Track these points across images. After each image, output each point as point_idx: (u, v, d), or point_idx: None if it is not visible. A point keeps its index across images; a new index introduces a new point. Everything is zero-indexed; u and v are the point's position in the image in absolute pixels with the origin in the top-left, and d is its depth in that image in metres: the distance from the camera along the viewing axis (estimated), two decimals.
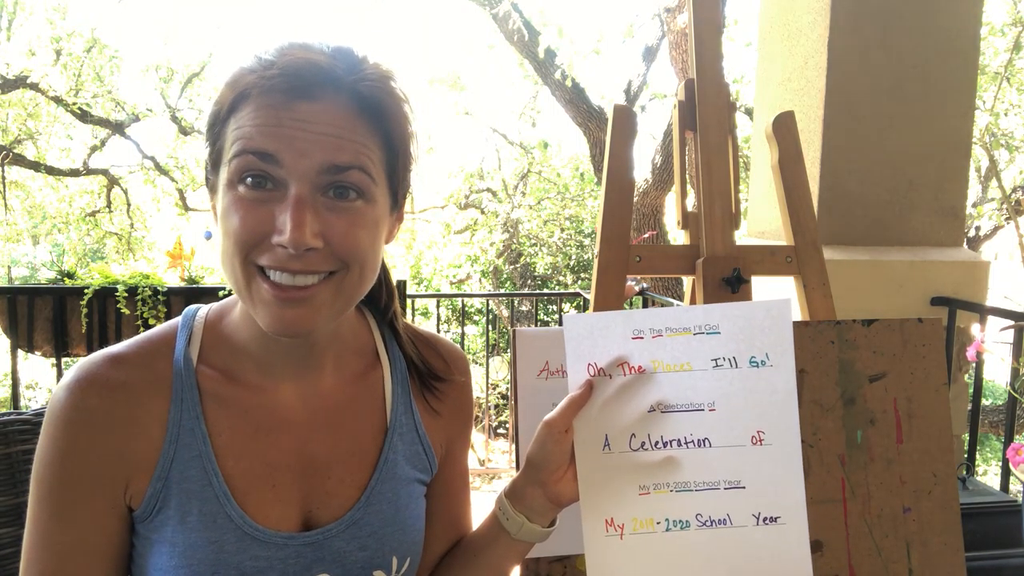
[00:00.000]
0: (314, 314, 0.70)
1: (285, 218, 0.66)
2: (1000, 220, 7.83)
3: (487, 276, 10.12)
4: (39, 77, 8.67)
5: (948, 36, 2.36)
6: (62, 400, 0.73)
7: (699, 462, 0.78)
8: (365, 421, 0.83)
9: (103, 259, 10.75)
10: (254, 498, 0.76)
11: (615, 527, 0.79)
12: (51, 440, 0.73)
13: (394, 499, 0.82)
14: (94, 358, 0.75)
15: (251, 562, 0.74)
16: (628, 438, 0.79)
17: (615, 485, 0.79)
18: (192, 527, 0.73)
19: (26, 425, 0.96)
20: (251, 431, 0.77)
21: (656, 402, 0.79)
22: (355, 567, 0.79)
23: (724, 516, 0.78)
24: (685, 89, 1.28)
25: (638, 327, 0.80)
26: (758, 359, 0.79)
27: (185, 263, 3.76)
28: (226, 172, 0.69)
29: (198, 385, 0.76)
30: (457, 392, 0.92)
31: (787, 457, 0.78)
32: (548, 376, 1.05)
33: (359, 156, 0.69)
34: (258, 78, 0.67)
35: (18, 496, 0.95)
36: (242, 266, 0.69)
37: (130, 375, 0.74)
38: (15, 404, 3.58)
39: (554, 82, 6.20)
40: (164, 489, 0.74)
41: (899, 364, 1.07)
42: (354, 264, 0.71)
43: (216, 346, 0.79)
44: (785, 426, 0.78)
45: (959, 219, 2.47)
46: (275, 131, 0.66)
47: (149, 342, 0.78)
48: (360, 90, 0.69)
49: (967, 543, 1.05)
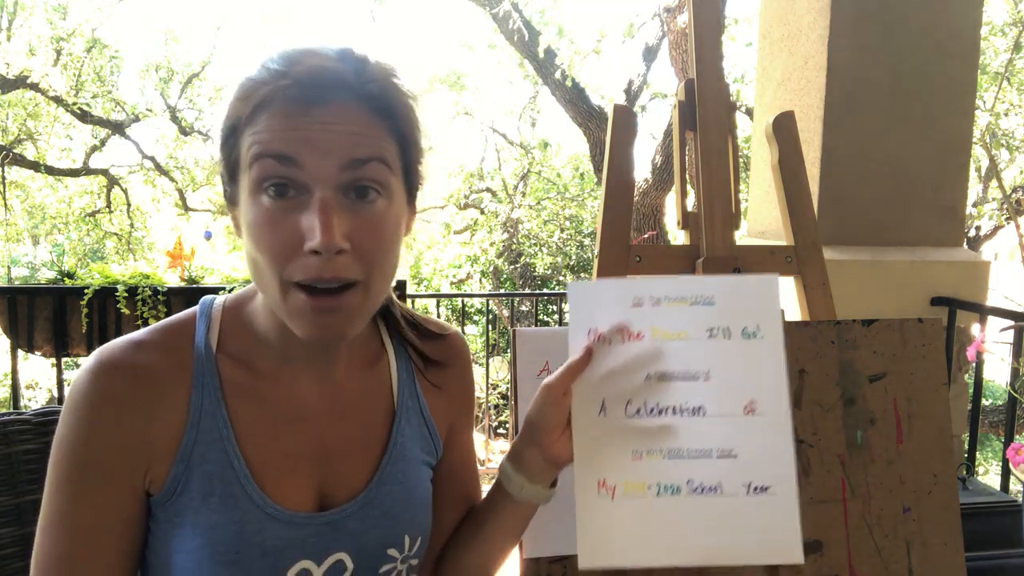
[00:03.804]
0: (347, 320, 0.72)
1: (313, 222, 0.67)
2: (1000, 220, 7.82)
3: (487, 276, 10.12)
4: (39, 77, 8.67)
5: (948, 36, 2.36)
6: (85, 384, 0.74)
7: (693, 430, 0.79)
8: (375, 407, 0.86)
9: (103, 259, 10.75)
10: (273, 481, 0.78)
11: (607, 488, 0.80)
12: (74, 423, 0.73)
13: (404, 480, 0.85)
14: (116, 343, 0.76)
15: (272, 541, 0.76)
16: (624, 404, 0.80)
17: (609, 448, 0.80)
18: (214, 508, 0.75)
19: (26, 425, 0.96)
20: (270, 420, 0.79)
21: (653, 369, 0.80)
22: (370, 545, 0.81)
23: (716, 484, 0.79)
24: (685, 89, 1.28)
25: (639, 295, 0.81)
26: (749, 331, 0.80)
27: (185, 263, 3.76)
28: (246, 180, 0.70)
29: (218, 372, 0.78)
30: (457, 370, 0.95)
31: (778, 427, 0.78)
32: (548, 375, 1.04)
33: (377, 148, 0.71)
34: (272, 89, 0.68)
35: (18, 496, 0.95)
36: (277, 280, 0.70)
37: (152, 360, 0.76)
38: (15, 404, 3.57)
39: (554, 82, 6.20)
40: (186, 472, 0.75)
41: (899, 364, 1.07)
42: (378, 266, 0.73)
43: (235, 335, 0.81)
44: (776, 396, 0.79)
45: (959, 219, 2.47)
46: (293, 135, 0.67)
47: (169, 329, 0.80)
48: (369, 90, 0.71)
49: (967, 543, 1.05)
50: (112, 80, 10.13)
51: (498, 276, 10.02)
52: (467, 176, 10.32)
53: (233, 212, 0.76)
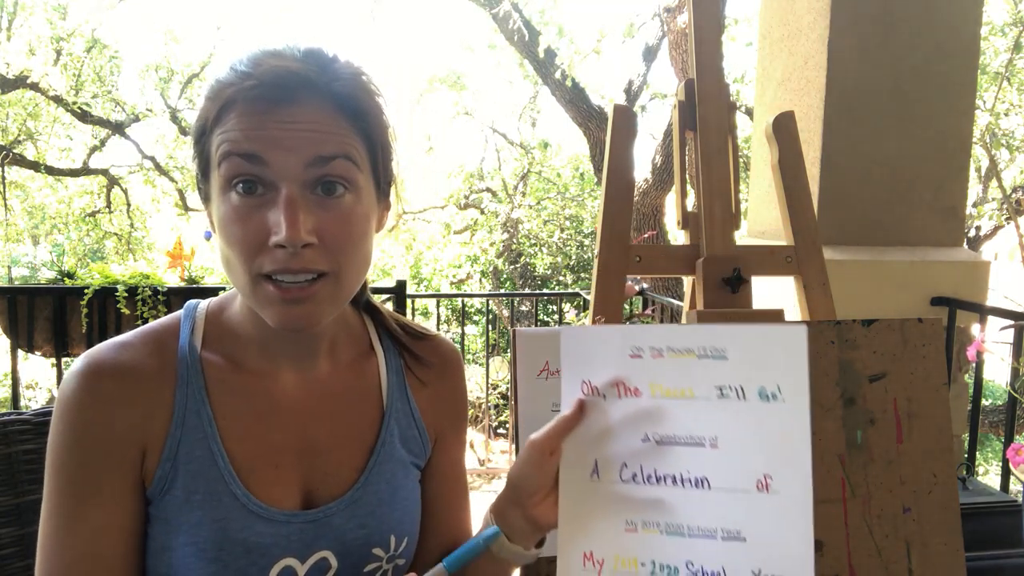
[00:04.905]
0: (317, 309, 0.74)
1: (279, 218, 0.69)
2: (1000, 220, 7.83)
3: (487, 276, 10.12)
4: (39, 77, 8.66)
5: (948, 36, 2.36)
6: (73, 385, 0.75)
7: (696, 504, 0.69)
8: (362, 407, 0.87)
9: (103, 259, 10.75)
10: (257, 478, 0.78)
11: (594, 562, 0.72)
12: (67, 425, 0.74)
13: (391, 480, 0.85)
14: (101, 346, 0.78)
15: (256, 539, 0.76)
16: (619, 467, 0.72)
17: (599, 517, 0.72)
18: (197, 506, 0.75)
19: (26, 425, 0.96)
20: (254, 415, 0.80)
21: (652, 431, 0.71)
22: (355, 544, 0.81)
23: (719, 568, 0.68)
24: (685, 89, 1.28)
25: (637, 344, 0.72)
26: (768, 392, 0.68)
27: (185, 263, 3.76)
28: (217, 178, 0.72)
29: (203, 371, 0.80)
30: (445, 370, 0.94)
31: (797, 508, 0.66)
32: (548, 376, 1.05)
33: (342, 146, 0.72)
34: (237, 90, 0.70)
35: (18, 496, 0.95)
36: (247, 273, 0.72)
37: (138, 359, 0.77)
38: (15, 404, 3.57)
39: (554, 82, 6.20)
40: (172, 470, 0.76)
41: (899, 364, 1.07)
42: (348, 258, 0.74)
43: (219, 335, 0.82)
44: (796, 471, 0.67)
45: (959, 219, 2.47)
46: (259, 134, 0.69)
47: (154, 331, 0.81)
48: (334, 89, 0.72)
49: (967, 543, 1.05)
50: (112, 80, 10.13)
51: (498, 276, 10.02)
52: (467, 176, 10.31)
53: (208, 208, 0.78)
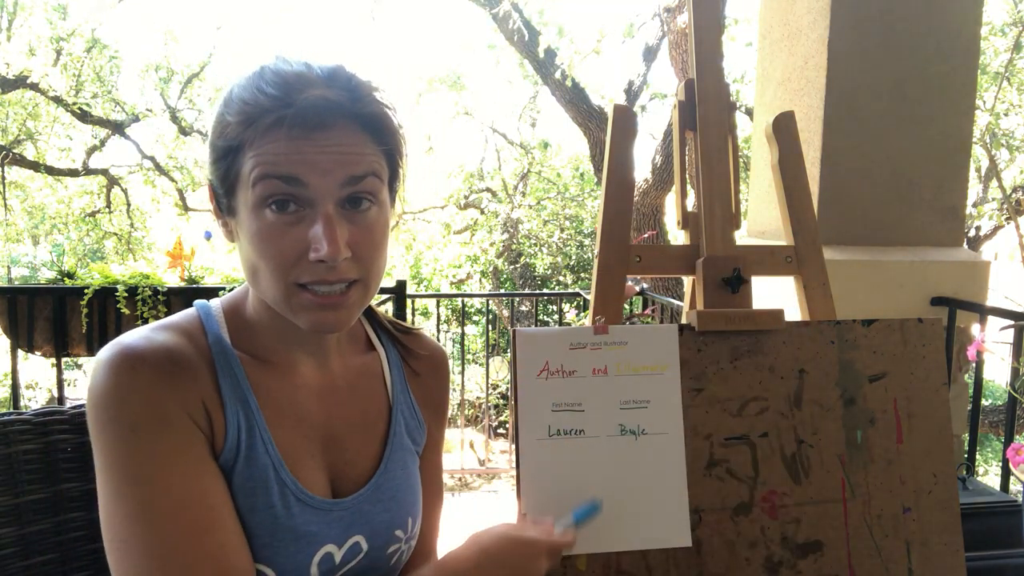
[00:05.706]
0: (349, 313, 0.80)
1: (319, 235, 0.74)
2: (1000, 220, 7.83)
3: (487, 276, 10.12)
4: (39, 77, 8.67)
5: (948, 36, 2.36)
6: (118, 375, 0.72)
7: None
8: (370, 399, 0.93)
9: (103, 259, 10.75)
10: (297, 467, 0.82)
11: None
12: (127, 412, 0.72)
13: (404, 466, 0.93)
14: (128, 335, 0.76)
15: (304, 526, 0.80)
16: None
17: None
18: (250, 493, 0.78)
19: (26, 425, 0.96)
20: (285, 406, 0.84)
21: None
22: (381, 528, 0.88)
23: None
24: (685, 89, 1.28)
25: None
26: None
27: (185, 263, 3.76)
28: (248, 195, 0.75)
29: (241, 363, 0.82)
30: (433, 362, 1.03)
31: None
32: (548, 376, 1.04)
33: (371, 165, 0.78)
34: (276, 118, 0.73)
35: (18, 496, 0.95)
36: (281, 282, 0.77)
37: (176, 342, 0.78)
38: (15, 404, 3.57)
39: (554, 82, 6.20)
40: (235, 456, 0.78)
41: (899, 364, 1.07)
42: (375, 265, 0.81)
43: (240, 332, 0.85)
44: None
45: (959, 219, 2.47)
46: (298, 158, 0.74)
47: (176, 324, 0.82)
48: (359, 111, 0.77)
49: (967, 543, 1.05)
50: (112, 80, 10.13)
51: (498, 276, 10.02)
52: (467, 176, 10.32)
53: (226, 220, 0.82)
